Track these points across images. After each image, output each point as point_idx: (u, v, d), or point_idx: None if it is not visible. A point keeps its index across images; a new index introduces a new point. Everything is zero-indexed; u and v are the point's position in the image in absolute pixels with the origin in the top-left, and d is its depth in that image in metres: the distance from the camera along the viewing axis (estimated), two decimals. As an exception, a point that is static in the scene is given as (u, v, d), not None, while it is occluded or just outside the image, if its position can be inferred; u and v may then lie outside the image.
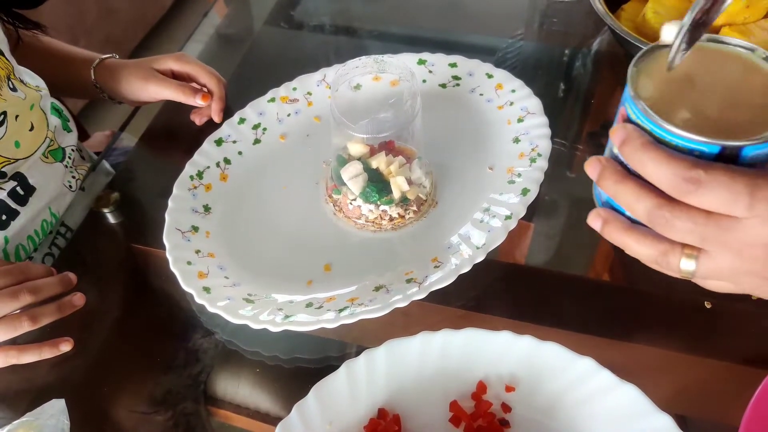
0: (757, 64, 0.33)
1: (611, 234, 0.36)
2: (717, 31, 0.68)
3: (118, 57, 0.78)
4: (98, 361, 0.57)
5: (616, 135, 0.34)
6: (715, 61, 0.34)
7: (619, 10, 0.75)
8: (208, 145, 0.68)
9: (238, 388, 0.54)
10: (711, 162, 0.31)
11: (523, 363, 0.48)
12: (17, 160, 0.64)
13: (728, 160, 0.31)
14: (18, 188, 0.64)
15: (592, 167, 0.36)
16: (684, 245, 0.33)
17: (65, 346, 0.55)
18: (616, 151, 0.34)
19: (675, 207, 0.32)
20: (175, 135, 0.77)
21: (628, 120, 0.34)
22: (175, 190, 0.64)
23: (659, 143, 0.32)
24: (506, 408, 0.47)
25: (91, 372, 0.57)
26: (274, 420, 0.50)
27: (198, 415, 0.53)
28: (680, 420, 0.44)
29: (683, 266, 0.34)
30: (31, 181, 0.66)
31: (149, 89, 0.73)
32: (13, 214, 0.64)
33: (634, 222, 0.35)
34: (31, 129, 0.66)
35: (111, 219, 0.69)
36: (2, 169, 0.63)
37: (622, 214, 0.36)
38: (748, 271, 0.33)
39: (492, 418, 0.47)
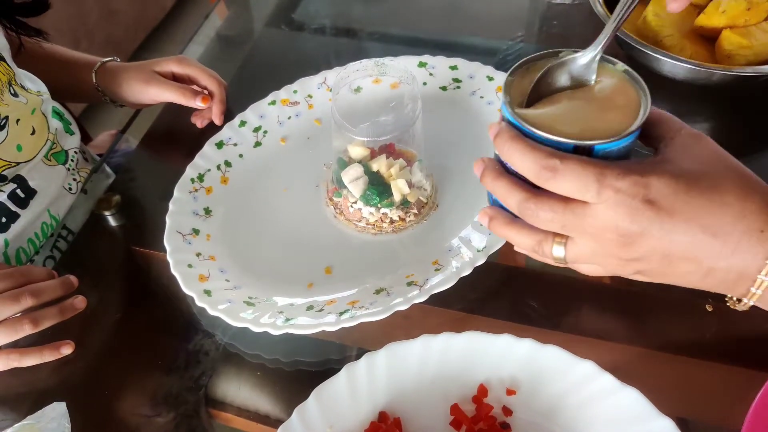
0: (618, 76, 0.39)
1: (496, 228, 0.40)
2: (718, 33, 0.68)
3: (119, 60, 0.78)
4: (99, 364, 0.57)
5: (491, 130, 0.38)
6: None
7: (620, 13, 0.74)
8: (208, 147, 0.68)
9: (239, 391, 0.54)
10: (567, 153, 0.35)
11: (523, 366, 0.48)
12: (19, 163, 0.64)
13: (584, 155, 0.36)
14: (18, 191, 0.65)
15: (476, 167, 0.40)
16: (555, 234, 0.38)
17: (66, 349, 0.55)
18: (497, 151, 0.39)
19: (538, 199, 0.36)
20: (176, 138, 0.77)
21: (503, 120, 0.39)
22: (176, 193, 0.64)
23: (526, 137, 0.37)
24: (507, 411, 0.47)
25: (92, 375, 0.57)
26: (274, 423, 0.50)
27: (199, 418, 0.53)
28: (682, 423, 0.44)
29: (555, 253, 0.38)
30: (31, 183, 0.66)
31: (150, 92, 0.73)
32: (13, 217, 0.64)
33: (516, 218, 0.39)
34: (33, 133, 0.66)
35: (112, 222, 0.69)
36: (3, 173, 0.63)
37: (508, 211, 0.40)
38: (607, 253, 0.37)
39: (493, 421, 0.47)
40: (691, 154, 0.36)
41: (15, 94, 0.64)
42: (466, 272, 0.54)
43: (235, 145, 0.69)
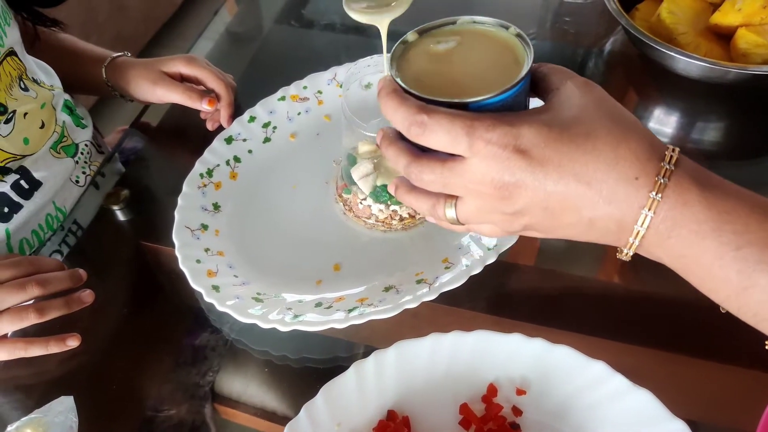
0: (510, 41, 0.39)
1: (400, 196, 0.40)
2: (734, 31, 0.67)
3: (129, 55, 0.78)
4: (107, 358, 0.57)
5: (378, 84, 0.38)
6: (470, 38, 0.40)
7: (633, 10, 0.74)
8: (218, 143, 0.68)
9: (246, 387, 0.54)
10: (436, 107, 0.35)
11: (534, 366, 0.48)
12: (24, 156, 0.65)
13: None
14: (22, 182, 0.64)
15: (377, 134, 0.40)
16: (447, 196, 0.37)
17: (72, 342, 0.55)
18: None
19: (419, 161, 0.36)
20: (185, 132, 0.77)
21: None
22: (184, 188, 0.64)
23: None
24: (517, 411, 0.47)
25: (99, 369, 0.57)
26: (282, 420, 0.50)
27: (206, 414, 0.52)
28: (694, 426, 0.43)
29: (447, 214, 0.38)
30: (36, 175, 0.66)
31: (157, 92, 0.73)
32: (16, 207, 0.64)
33: None
34: (42, 126, 0.66)
35: (120, 216, 0.68)
36: (7, 165, 0.63)
37: None
38: (491, 208, 0.36)
39: (502, 421, 0.47)
40: (572, 103, 0.35)
41: (25, 89, 0.64)
42: (477, 270, 0.53)
43: (245, 140, 0.69)
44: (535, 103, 0.38)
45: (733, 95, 0.70)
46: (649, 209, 0.33)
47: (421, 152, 0.37)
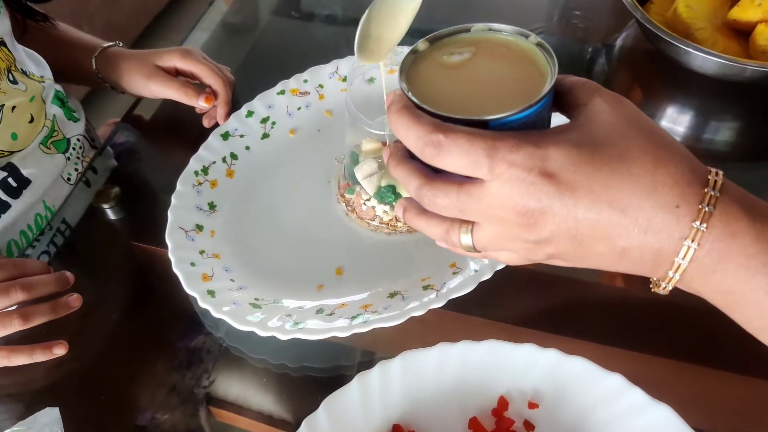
0: (530, 50, 0.36)
1: (409, 220, 0.38)
2: (753, 27, 0.65)
3: (122, 45, 0.75)
4: (95, 367, 0.55)
5: (387, 99, 0.35)
6: (486, 48, 0.37)
7: (648, 4, 0.72)
8: (214, 139, 0.66)
9: (243, 399, 0.52)
10: (453, 126, 0.32)
11: (547, 378, 0.46)
12: (12, 152, 0.62)
13: None
14: (10, 179, 0.63)
15: (384, 152, 0.37)
16: (462, 221, 0.35)
17: (59, 350, 0.53)
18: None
19: (433, 184, 0.33)
20: (180, 127, 0.75)
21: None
22: (178, 187, 0.62)
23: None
24: (529, 426, 0.45)
25: (87, 379, 0.55)
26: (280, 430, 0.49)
27: (200, 429, 0.50)
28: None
29: (463, 241, 0.35)
30: (25, 172, 0.64)
31: (150, 87, 0.71)
32: (4, 207, 0.62)
33: None
34: (31, 121, 0.64)
35: (111, 215, 0.67)
36: None
37: None
38: (512, 236, 0.33)
39: (514, 437, 0.45)
40: (602, 120, 0.32)
41: (14, 81, 0.62)
42: (487, 276, 0.51)
43: (242, 136, 0.67)
44: (556, 119, 0.36)
45: (748, 94, 0.68)
46: (692, 240, 0.30)
47: (434, 173, 0.34)
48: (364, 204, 0.58)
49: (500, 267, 0.52)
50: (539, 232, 0.32)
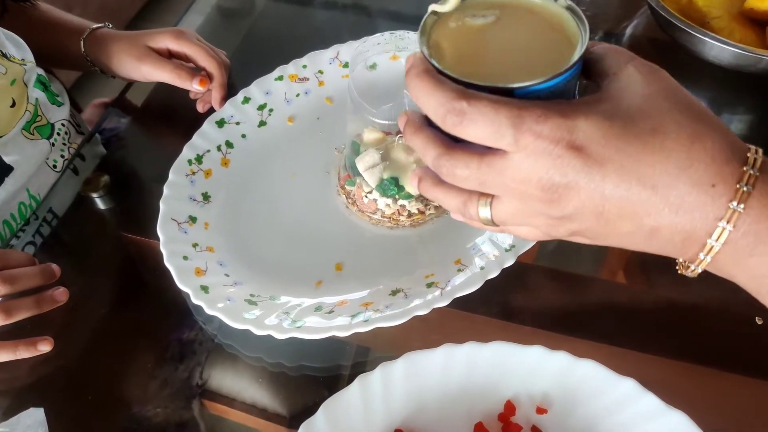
0: (559, 14, 0.34)
1: (425, 190, 0.36)
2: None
3: (111, 27, 0.73)
4: (82, 365, 0.54)
5: (406, 62, 0.33)
6: (512, 12, 0.35)
7: (662, -9, 0.69)
8: (208, 126, 0.64)
9: (237, 401, 0.51)
10: (478, 93, 0.30)
11: (556, 382, 0.45)
12: None
13: None
14: None
15: (399, 119, 0.35)
16: (480, 193, 0.33)
17: (44, 346, 0.51)
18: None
19: (452, 154, 0.32)
20: (173, 113, 0.73)
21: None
22: (171, 176, 0.60)
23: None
24: (537, 432, 0.44)
25: (73, 377, 0.53)
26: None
27: (193, 421, 0.49)
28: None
29: (481, 213, 0.34)
30: (7, 159, 0.61)
31: (142, 70, 0.68)
32: None
33: None
34: (12, 105, 0.62)
35: (100, 204, 0.65)
36: None
37: None
38: (534, 211, 0.32)
39: (522, 443, 0.44)
40: (635, 91, 0.31)
41: (-6, 64, 0.59)
42: (493, 274, 0.50)
43: (238, 123, 0.65)
44: None
45: (763, 85, 0.66)
46: (728, 222, 0.29)
47: (453, 142, 0.32)
48: (366, 197, 0.56)
49: (508, 265, 0.50)
50: (563, 208, 0.31)
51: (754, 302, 0.32)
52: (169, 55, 0.70)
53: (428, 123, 0.34)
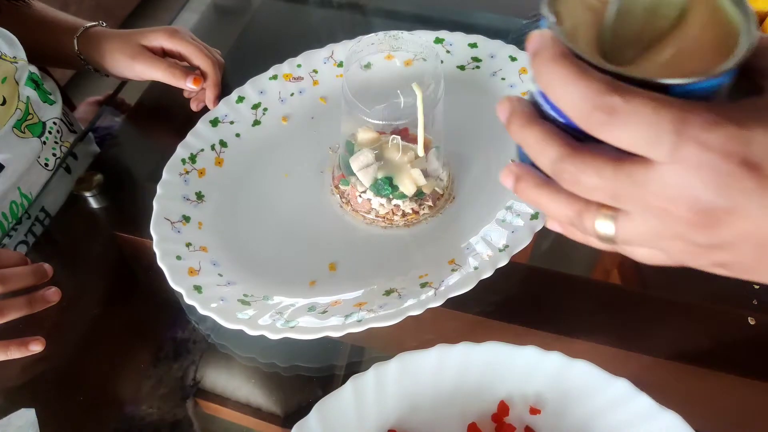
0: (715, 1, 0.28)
1: (524, 192, 0.30)
2: (765, 17, 0.62)
3: (105, 25, 0.72)
4: (74, 365, 0.54)
5: (530, 43, 0.27)
6: None
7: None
8: (202, 125, 0.63)
9: (230, 401, 0.50)
10: (633, 88, 0.25)
11: (550, 383, 0.45)
12: None
13: None
14: None
15: (501, 108, 0.29)
16: (601, 204, 0.27)
17: (36, 347, 0.51)
18: (534, 88, 0.28)
19: (579, 158, 0.26)
20: (167, 112, 0.72)
21: None
22: (164, 175, 0.59)
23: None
24: (530, 432, 0.44)
25: (66, 378, 0.53)
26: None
27: (187, 420, 0.49)
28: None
29: (599, 229, 0.28)
30: None
31: (135, 68, 0.68)
32: None
33: (551, 179, 0.29)
34: (3, 103, 0.61)
35: (93, 203, 0.64)
36: None
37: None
38: (674, 234, 0.26)
39: (515, 443, 0.44)
40: None
41: (-16, 61, 0.59)
42: (487, 274, 0.50)
43: (232, 123, 0.64)
44: None
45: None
46: None
47: (577, 141, 0.27)
48: (360, 196, 0.56)
49: (502, 265, 0.50)
50: (717, 235, 0.26)
51: (747, 303, 0.32)
52: (163, 54, 0.70)
53: (542, 115, 0.28)
